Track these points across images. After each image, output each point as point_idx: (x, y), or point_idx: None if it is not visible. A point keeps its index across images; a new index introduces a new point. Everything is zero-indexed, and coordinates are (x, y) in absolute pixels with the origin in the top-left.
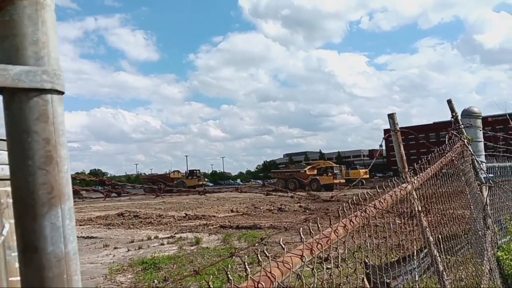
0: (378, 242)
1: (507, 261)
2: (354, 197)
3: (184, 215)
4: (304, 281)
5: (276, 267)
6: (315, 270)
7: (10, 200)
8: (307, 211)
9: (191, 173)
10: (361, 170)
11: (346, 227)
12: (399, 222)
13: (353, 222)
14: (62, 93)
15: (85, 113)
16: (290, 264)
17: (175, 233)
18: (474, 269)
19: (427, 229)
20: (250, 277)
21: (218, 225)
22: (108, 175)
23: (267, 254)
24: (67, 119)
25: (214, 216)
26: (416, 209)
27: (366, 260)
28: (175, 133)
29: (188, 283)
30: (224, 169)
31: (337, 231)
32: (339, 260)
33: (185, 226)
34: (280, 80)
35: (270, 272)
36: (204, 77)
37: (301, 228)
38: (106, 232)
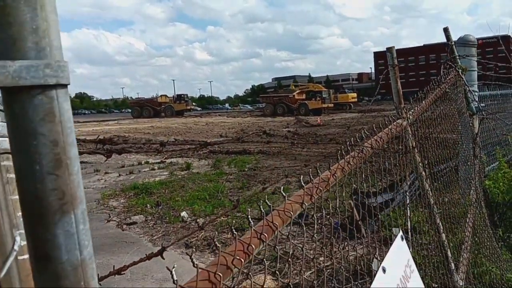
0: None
1: (494, 190)
2: (351, 138)
3: (174, 140)
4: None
5: (278, 215)
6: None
7: (11, 175)
8: (295, 136)
9: (179, 98)
10: (349, 94)
11: (344, 169)
12: (393, 159)
13: (350, 164)
14: (67, 85)
15: (66, 34)
16: (291, 212)
17: (165, 158)
18: (460, 198)
19: (420, 164)
20: (254, 228)
21: (208, 150)
22: (94, 99)
23: (269, 204)
24: None
25: (203, 141)
26: (411, 145)
27: (355, 186)
28: (160, 55)
29: (180, 207)
30: (212, 93)
31: (335, 174)
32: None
33: (175, 151)
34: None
35: (272, 222)
36: None
37: (301, 176)
38: (95, 157)
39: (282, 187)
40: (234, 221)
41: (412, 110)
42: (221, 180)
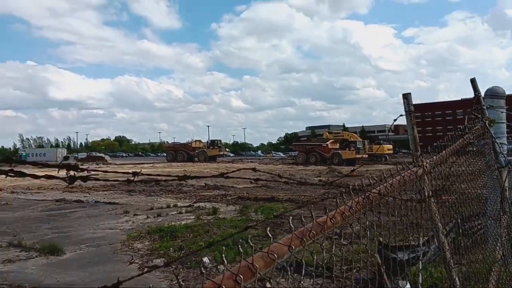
0: (387, 223)
1: None
2: (360, 181)
3: (204, 184)
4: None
5: (260, 257)
6: (323, 245)
7: None
8: (326, 186)
9: (212, 143)
10: (384, 146)
11: (344, 214)
12: (408, 205)
13: (352, 209)
14: None
15: (109, 80)
16: (275, 255)
17: (193, 202)
18: (486, 254)
19: (436, 214)
20: (228, 269)
21: (236, 196)
22: (133, 142)
23: (251, 244)
24: (91, 85)
25: (233, 186)
26: (426, 194)
27: (380, 239)
28: (197, 102)
29: (203, 253)
30: (245, 140)
31: (334, 218)
32: (353, 236)
33: (204, 196)
34: (304, 51)
35: (252, 263)
36: (226, 47)
37: (290, 217)
38: (127, 199)
39: (268, 229)
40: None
41: (430, 159)
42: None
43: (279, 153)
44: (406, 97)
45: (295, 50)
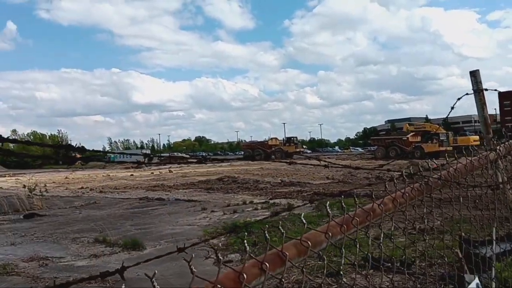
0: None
1: None
2: (412, 168)
3: (280, 181)
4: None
5: (293, 245)
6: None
7: None
8: (407, 180)
9: (288, 140)
10: (470, 137)
11: (396, 201)
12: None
13: (406, 195)
14: None
15: (188, 83)
16: (309, 243)
17: (269, 199)
18: None
19: None
20: (252, 255)
21: (312, 192)
22: (212, 142)
23: (282, 230)
24: (171, 89)
25: (309, 183)
26: (501, 179)
27: (463, 234)
28: (272, 100)
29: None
30: (322, 136)
31: (383, 205)
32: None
33: (280, 192)
34: (380, 42)
35: (282, 251)
36: (299, 43)
37: (327, 202)
38: (205, 196)
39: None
40: (328, 265)
41: (507, 142)
42: (322, 222)
43: (357, 148)
44: (474, 74)
45: (371, 42)
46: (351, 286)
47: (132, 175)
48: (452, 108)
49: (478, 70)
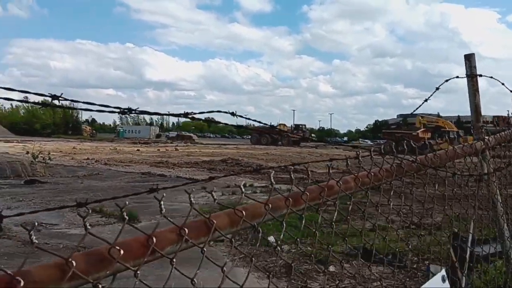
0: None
1: None
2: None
3: (283, 167)
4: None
5: (226, 214)
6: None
7: None
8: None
9: (297, 127)
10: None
11: (358, 179)
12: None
13: (372, 175)
14: None
15: (201, 63)
16: (244, 213)
17: (270, 184)
18: None
19: (497, 197)
20: (171, 220)
21: (315, 179)
22: (220, 124)
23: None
24: (184, 68)
25: (313, 171)
26: (486, 170)
27: (455, 229)
28: (284, 86)
29: (269, 232)
30: (331, 125)
31: (343, 183)
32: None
33: (281, 178)
34: (398, 35)
35: (209, 218)
36: (317, 30)
37: (272, 172)
38: (207, 176)
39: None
40: (318, 252)
41: (500, 133)
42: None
43: (366, 140)
44: (469, 58)
45: (388, 33)
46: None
47: (138, 150)
48: (437, 88)
49: (473, 54)
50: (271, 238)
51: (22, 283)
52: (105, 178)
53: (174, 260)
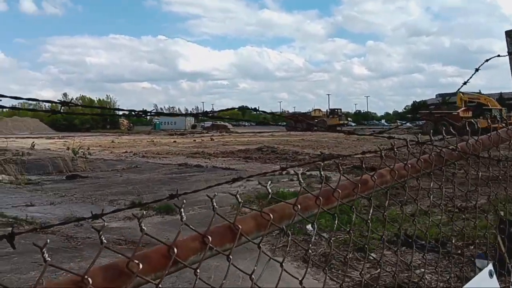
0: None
1: None
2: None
3: (320, 153)
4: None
5: (252, 217)
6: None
7: None
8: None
9: (332, 112)
10: None
11: (394, 173)
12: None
13: (408, 167)
14: None
15: (233, 51)
16: (271, 216)
17: (306, 170)
18: None
19: None
20: (192, 228)
21: (352, 165)
22: (253, 113)
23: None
24: (216, 57)
25: (349, 155)
26: None
27: (501, 213)
28: (318, 71)
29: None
30: (368, 108)
31: (377, 176)
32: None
33: (327, 166)
34: (433, 12)
35: (234, 224)
36: (348, 11)
37: (300, 171)
38: (243, 165)
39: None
40: (359, 240)
41: None
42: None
43: (405, 122)
44: (510, 35)
45: (423, 11)
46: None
47: (175, 141)
48: (477, 70)
49: None
50: (309, 227)
51: None
52: (143, 171)
53: (198, 270)
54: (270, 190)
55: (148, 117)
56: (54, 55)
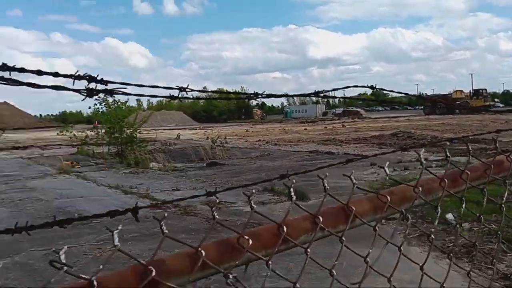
0: None
1: None
2: None
3: (461, 137)
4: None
5: (369, 200)
6: None
7: None
8: None
9: (476, 93)
10: None
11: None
12: None
13: None
14: None
15: (365, 34)
16: (388, 198)
17: (446, 157)
18: None
19: None
20: (303, 207)
21: (500, 150)
22: (389, 96)
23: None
24: (347, 42)
25: (499, 140)
26: None
27: None
28: (458, 49)
29: (447, 208)
30: None
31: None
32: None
33: (460, 150)
34: None
35: (347, 205)
36: None
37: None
38: (376, 151)
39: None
40: (505, 230)
41: None
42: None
43: None
44: None
45: None
46: None
47: (305, 129)
48: None
49: None
50: (450, 216)
51: (154, 273)
52: (275, 158)
53: (309, 250)
54: (388, 171)
55: (285, 104)
56: (194, 52)
